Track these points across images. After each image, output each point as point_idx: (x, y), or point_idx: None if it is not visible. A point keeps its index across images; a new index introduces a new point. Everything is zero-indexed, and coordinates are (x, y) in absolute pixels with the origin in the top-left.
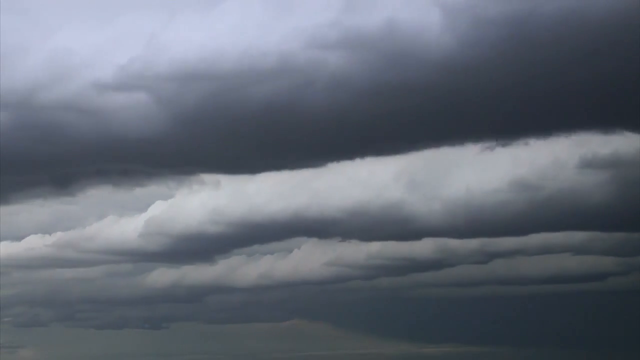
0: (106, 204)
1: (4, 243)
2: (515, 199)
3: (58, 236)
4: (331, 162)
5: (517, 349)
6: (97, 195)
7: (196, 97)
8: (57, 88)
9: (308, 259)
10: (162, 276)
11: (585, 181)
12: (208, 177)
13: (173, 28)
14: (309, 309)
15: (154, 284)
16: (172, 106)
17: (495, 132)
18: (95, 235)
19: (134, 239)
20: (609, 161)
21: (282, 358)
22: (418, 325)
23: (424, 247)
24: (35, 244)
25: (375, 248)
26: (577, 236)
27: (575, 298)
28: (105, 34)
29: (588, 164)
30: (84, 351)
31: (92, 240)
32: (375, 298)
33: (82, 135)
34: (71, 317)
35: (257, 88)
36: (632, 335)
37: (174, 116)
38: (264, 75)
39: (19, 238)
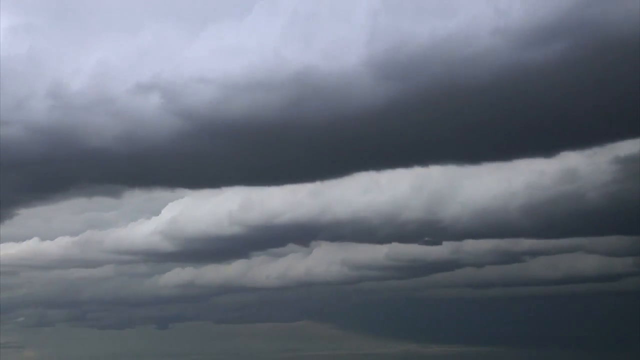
0: (140, 207)
1: (32, 241)
2: (529, 202)
3: (85, 237)
4: (350, 173)
5: (526, 350)
6: (132, 199)
7: (221, 109)
8: (92, 93)
9: (322, 262)
10: (176, 277)
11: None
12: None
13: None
14: (320, 310)
15: (167, 284)
16: (197, 117)
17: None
18: (123, 237)
19: (155, 240)
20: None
21: (285, 358)
22: (428, 326)
23: (436, 249)
24: (64, 243)
25: (388, 250)
26: (590, 238)
27: (589, 299)
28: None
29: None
30: (86, 352)
31: (117, 242)
32: (386, 299)
33: (111, 142)
34: (82, 317)
35: (278, 100)
36: None
37: (201, 127)
38: (286, 86)
39: (51, 237)
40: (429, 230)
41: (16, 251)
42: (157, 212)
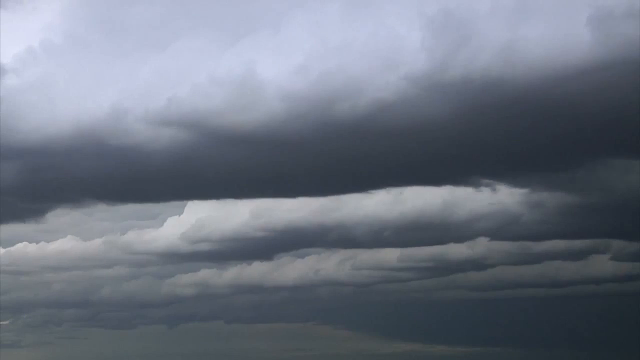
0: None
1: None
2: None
3: (109, 238)
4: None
5: (531, 351)
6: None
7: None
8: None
9: (335, 265)
10: (193, 278)
11: None
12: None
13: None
14: (329, 311)
15: (183, 286)
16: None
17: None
18: (148, 239)
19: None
20: None
21: (291, 357)
22: (436, 327)
23: (444, 251)
24: (87, 245)
25: (404, 252)
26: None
27: (595, 299)
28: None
29: None
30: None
31: (141, 243)
32: (399, 301)
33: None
34: (93, 318)
35: (311, 114)
36: None
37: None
38: (317, 100)
39: (86, 239)
40: (436, 231)
41: (39, 251)
42: (185, 222)
